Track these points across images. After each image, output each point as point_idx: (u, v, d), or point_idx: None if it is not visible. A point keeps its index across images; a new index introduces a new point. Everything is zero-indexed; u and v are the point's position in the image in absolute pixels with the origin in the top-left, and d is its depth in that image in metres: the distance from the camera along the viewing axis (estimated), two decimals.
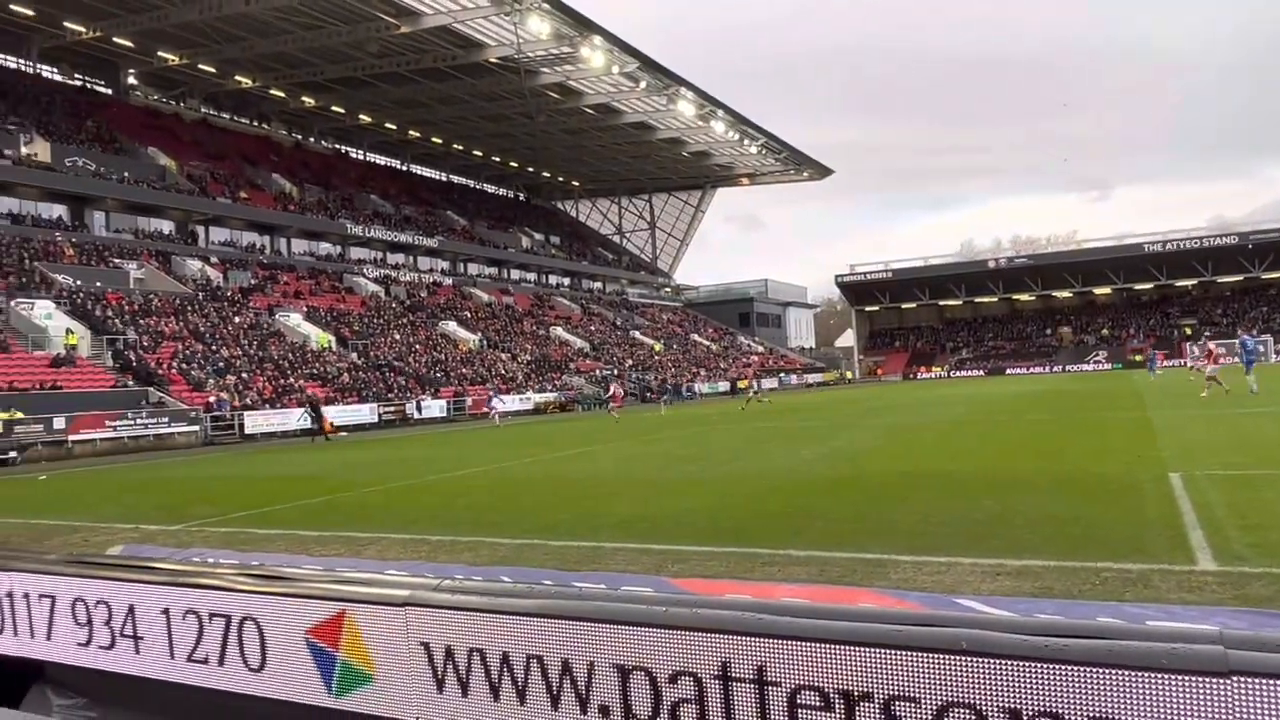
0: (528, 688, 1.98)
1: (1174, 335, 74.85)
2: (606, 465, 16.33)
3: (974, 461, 13.40)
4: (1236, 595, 5.25)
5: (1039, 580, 5.85)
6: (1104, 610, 4.97)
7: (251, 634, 2.42)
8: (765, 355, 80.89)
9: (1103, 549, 6.65)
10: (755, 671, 1.73)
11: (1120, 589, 5.54)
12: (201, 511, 12.02)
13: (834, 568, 6.54)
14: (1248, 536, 6.81)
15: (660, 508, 10.18)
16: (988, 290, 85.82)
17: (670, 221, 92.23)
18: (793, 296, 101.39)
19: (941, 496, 9.84)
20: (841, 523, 8.58)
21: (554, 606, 1.94)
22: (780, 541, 7.59)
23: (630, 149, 73.41)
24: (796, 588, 5.70)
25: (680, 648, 1.81)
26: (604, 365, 57.78)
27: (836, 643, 1.63)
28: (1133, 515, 8.05)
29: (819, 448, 16.93)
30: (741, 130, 67.39)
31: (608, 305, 75.21)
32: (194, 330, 38.06)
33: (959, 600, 5.13)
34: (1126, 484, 9.93)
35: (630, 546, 7.81)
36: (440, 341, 50.78)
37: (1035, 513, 8.38)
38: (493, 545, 8.23)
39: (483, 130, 67.28)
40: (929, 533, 7.68)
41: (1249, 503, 8.24)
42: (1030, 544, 6.95)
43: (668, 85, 57.03)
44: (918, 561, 6.55)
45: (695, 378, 62.98)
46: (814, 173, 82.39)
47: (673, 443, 20.50)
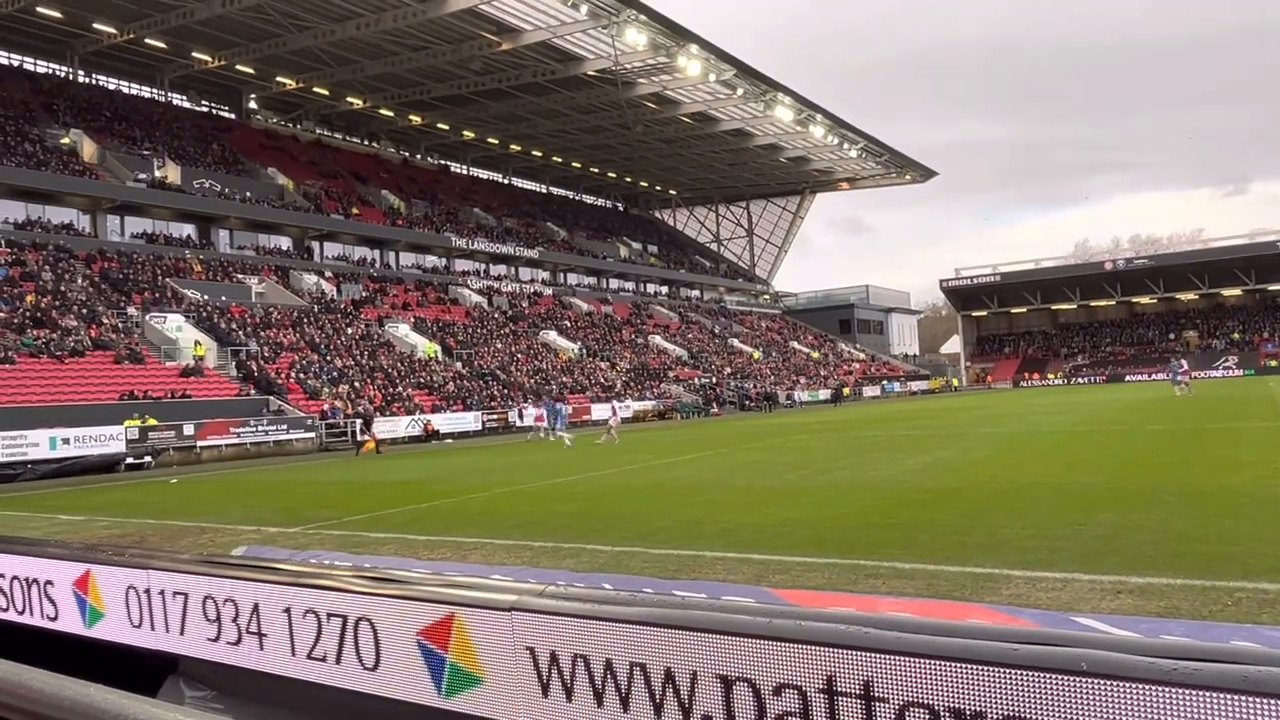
0: (631, 695, 1.99)
1: None
2: (706, 473, 16.29)
3: (1090, 473, 12.79)
4: None
5: (1164, 599, 5.54)
6: (1238, 633, 4.67)
7: (366, 634, 2.52)
8: (867, 362, 79.26)
9: (1236, 567, 6.26)
10: (862, 686, 1.70)
11: (1256, 610, 5.20)
12: (318, 515, 12.56)
13: (941, 582, 6.35)
14: None
15: (761, 517, 10.09)
16: (1104, 293, 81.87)
17: (769, 228, 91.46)
18: (895, 302, 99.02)
19: (1056, 509, 9.43)
20: (948, 535, 8.32)
21: (657, 615, 1.95)
22: (884, 553, 7.41)
23: (727, 156, 73.20)
24: (902, 601, 5.56)
25: (784, 660, 1.79)
26: (702, 373, 57.70)
27: (947, 659, 1.59)
28: (1269, 531, 7.53)
29: (924, 457, 16.47)
30: (840, 134, 66.35)
31: (706, 313, 75.12)
32: (310, 341, 39.83)
33: (1077, 619, 4.91)
34: (1262, 498, 9.31)
35: (730, 556, 7.77)
36: (541, 350, 51.70)
37: (1159, 528, 7.94)
38: (594, 552, 8.32)
39: (581, 142, 68.29)
40: (1043, 547, 7.38)
41: None
42: (1154, 561, 6.59)
43: (765, 91, 56.67)
44: (1031, 577, 6.29)
45: (795, 385, 62.21)
46: (916, 175, 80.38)
47: (773, 451, 20.30)
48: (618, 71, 51.67)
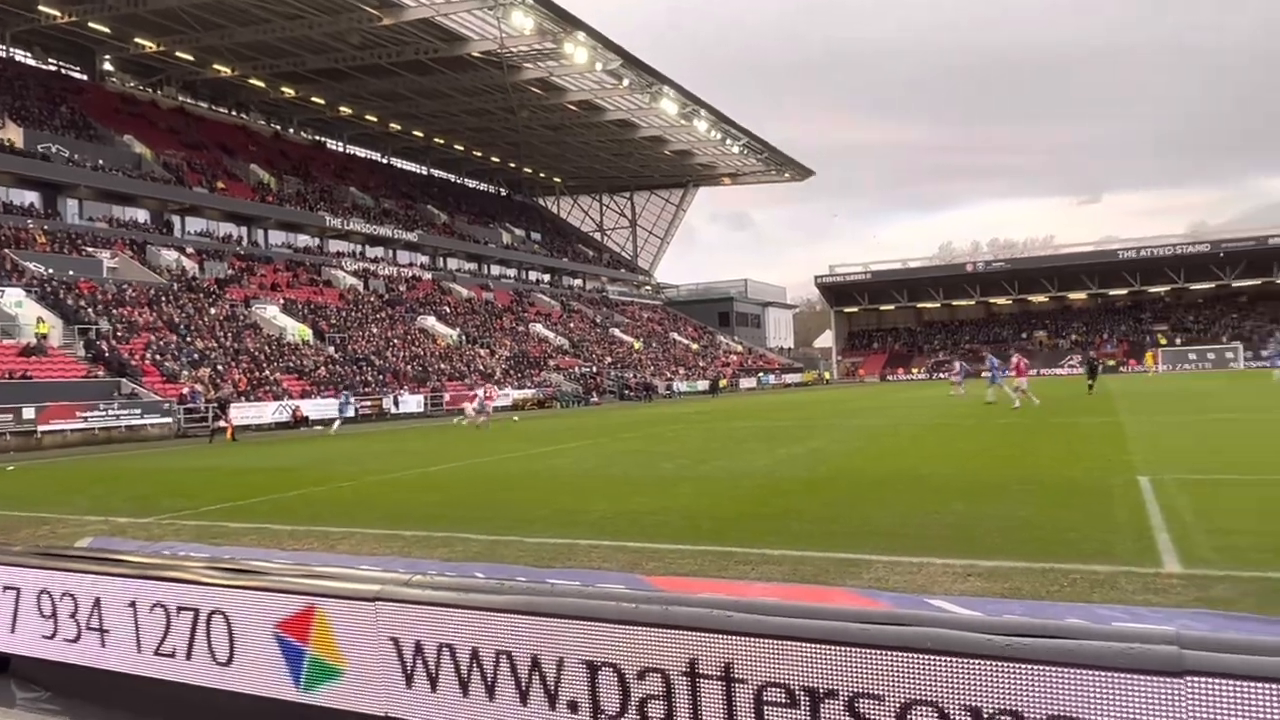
0: (496, 684, 1.98)
1: (1145, 341, 75.83)
2: (584, 462, 16.33)
3: (947, 464, 13.52)
4: (1200, 597, 5.34)
5: (1009, 581, 5.92)
6: (1071, 611, 5.03)
7: (220, 627, 2.40)
8: (744, 355, 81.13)
9: (1072, 551, 6.74)
10: (722, 669, 1.75)
11: (1088, 590, 5.62)
12: (173, 504, 11.90)
13: (808, 567, 6.58)
14: (1213, 540, 6.92)
15: (637, 505, 10.20)
16: (965, 293, 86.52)
17: (652, 219, 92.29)
18: (773, 297, 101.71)
19: (915, 498, 9.92)
20: (817, 522, 8.63)
21: (523, 603, 1.94)
22: (756, 540, 7.62)
23: (612, 146, 73.36)
24: (770, 586, 5.74)
25: (649, 645, 1.82)
26: (583, 362, 57.75)
27: (803, 640, 1.65)
28: (1101, 518, 8.15)
29: (795, 448, 17.01)
30: (724, 130, 67.50)
31: (588, 302, 75.16)
32: (169, 321, 37.63)
33: (930, 600, 5.19)
34: (1096, 488, 10.06)
35: (606, 544, 7.82)
36: (419, 336, 50.54)
37: (1006, 515, 8.47)
38: (467, 541, 8.21)
39: (465, 125, 66.98)
40: (902, 534, 7.75)
41: (1215, 507, 8.38)
42: (1001, 546, 7.03)
43: (650, 83, 57.03)
44: (891, 562, 6.60)
45: (675, 376, 63.07)
46: (795, 173, 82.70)
47: (651, 440, 20.53)
48: (503, 55, 50.92)
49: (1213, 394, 30.38)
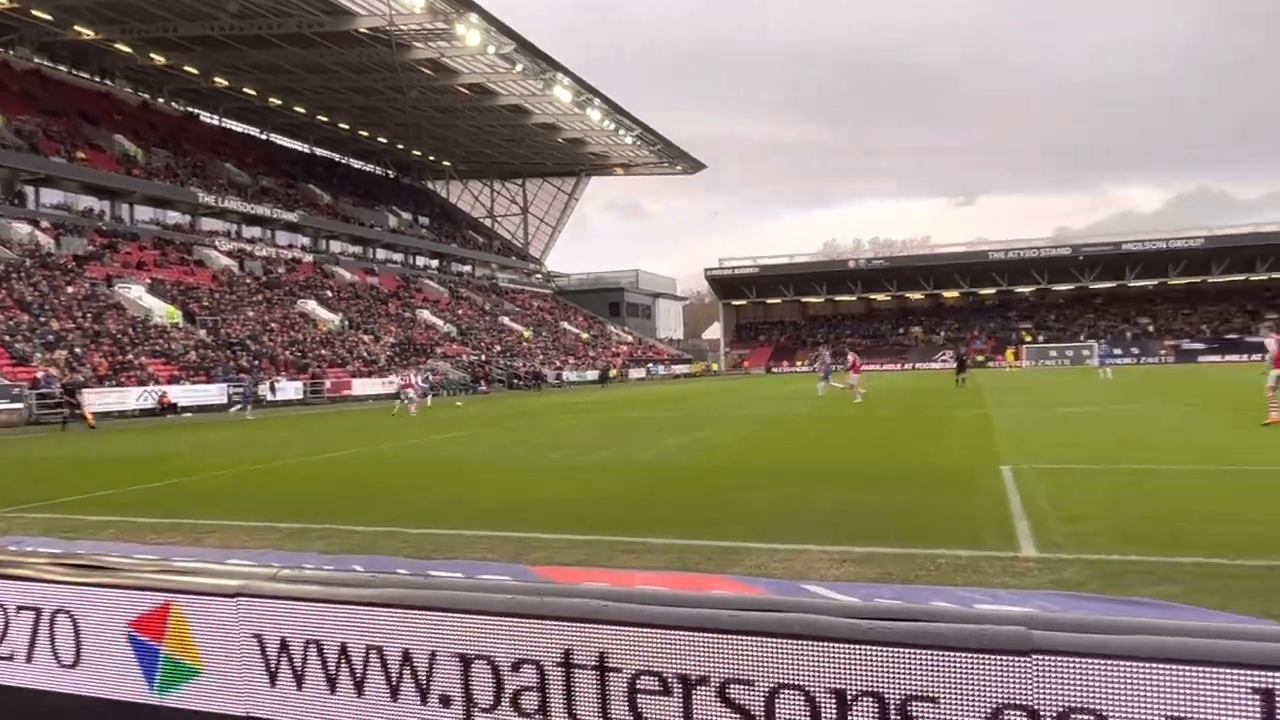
0: (366, 679, 1.92)
1: (1012, 338, 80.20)
2: (472, 452, 16.10)
3: (827, 454, 13.96)
4: (1053, 580, 5.69)
5: (881, 566, 6.16)
6: (937, 594, 5.29)
7: (65, 628, 2.25)
8: (634, 345, 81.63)
9: (939, 537, 7.07)
10: (597, 658, 1.75)
11: (953, 574, 5.90)
12: (23, 496, 11.10)
13: (691, 555, 6.67)
14: (1065, 526, 7.38)
15: (524, 495, 10.13)
16: (847, 289, 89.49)
17: (544, 207, 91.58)
18: (663, 288, 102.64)
19: (796, 487, 10.21)
20: (701, 511, 8.77)
21: (395, 595, 1.89)
22: (641, 529, 7.68)
23: (505, 132, 72.32)
24: (652, 575, 5.79)
25: (524, 636, 1.80)
26: (471, 350, 56.89)
27: (676, 629, 1.66)
28: (967, 506, 8.59)
29: (683, 438, 17.23)
30: (617, 120, 67.53)
31: (477, 289, 74.04)
32: (20, 300, 35.02)
33: (806, 586, 5.35)
34: (963, 477, 10.59)
35: (491, 534, 7.73)
36: (298, 321, 48.68)
37: (880, 503, 8.81)
38: (347, 533, 7.98)
39: (350, 102, 64.71)
40: (782, 522, 7.96)
41: (1068, 495, 8.94)
42: (874, 532, 7.31)
43: (544, 70, 56.49)
44: (770, 549, 6.77)
45: (564, 365, 62.90)
46: (687, 166, 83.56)
47: (540, 430, 20.42)
48: (392, 33, 49.43)
49: (1065, 389, 32.40)
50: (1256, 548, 6.33)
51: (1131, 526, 7.30)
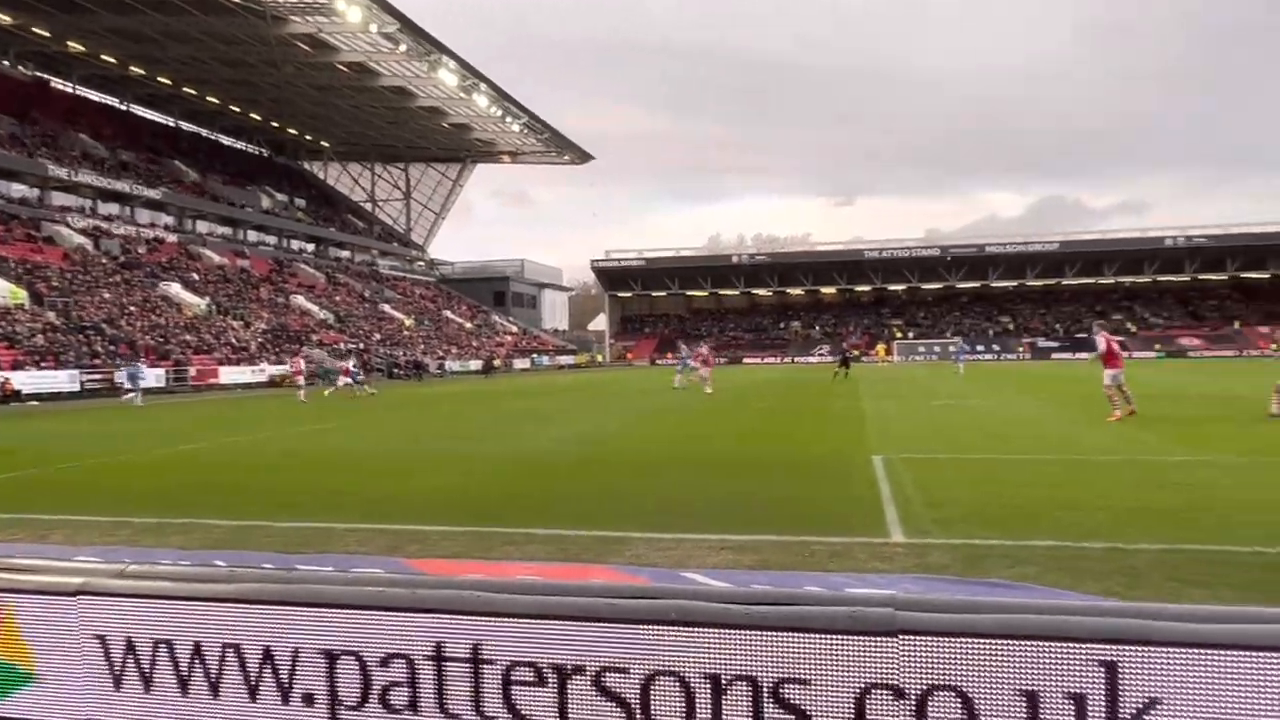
0: (222, 679, 1.82)
1: (885, 334, 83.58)
2: (349, 443, 15.59)
3: (710, 444, 14.19)
4: (919, 564, 5.94)
5: (758, 554, 6.29)
6: (811, 580, 5.44)
7: None
8: (519, 335, 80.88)
9: (814, 525, 7.28)
10: (471, 650, 1.70)
11: (826, 560, 6.09)
12: None
13: (573, 545, 6.65)
14: (930, 512, 7.74)
15: (404, 486, 9.87)
16: (731, 283, 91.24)
17: (427, 193, 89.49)
18: (549, 278, 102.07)
19: (676, 477, 10.33)
20: (585, 502, 8.76)
21: (254, 591, 1.79)
22: (523, 520, 7.61)
23: (387, 114, 70.20)
24: (532, 566, 5.74)
25: (393, 629, 1.73)
26: (349, 338, 55.11)
27: (550, 618, 1.63)
28: (840, 494, 8.89)
29: (567, 429, 17.19)
30: (504, 107, 66.59)
31: (356, 276, 71.74)
32: None
33: (685, 574, 5.41)
34: (837, 466, 10.95)
35: (366, 527, 7.50)
36: (160, 304, 46.00)
37: (758, 492, 9.02)
38: (209, 527, 7.58)
39: (220, 75, 61.45)
40: (664, 511, 8.04)
41: (933, 483, 9.37)
42: (752, 521, 7.47)
43: (429, 52, 55.12)
44: (650, 538, 6.82)
45: (447, 355, 61.73)
46: (575, 156, 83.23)
47: (422, 420, 19.96)
48: (266, 3, 47.20)
49: (932, 383, 34.00)
50: (1100, 532, 6.79)
51: (990, 513, 7.71)
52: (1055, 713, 1.51)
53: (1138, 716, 1.48)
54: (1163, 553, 6.12)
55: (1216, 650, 1.46)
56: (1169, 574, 5.56)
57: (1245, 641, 1.45)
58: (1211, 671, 1.45)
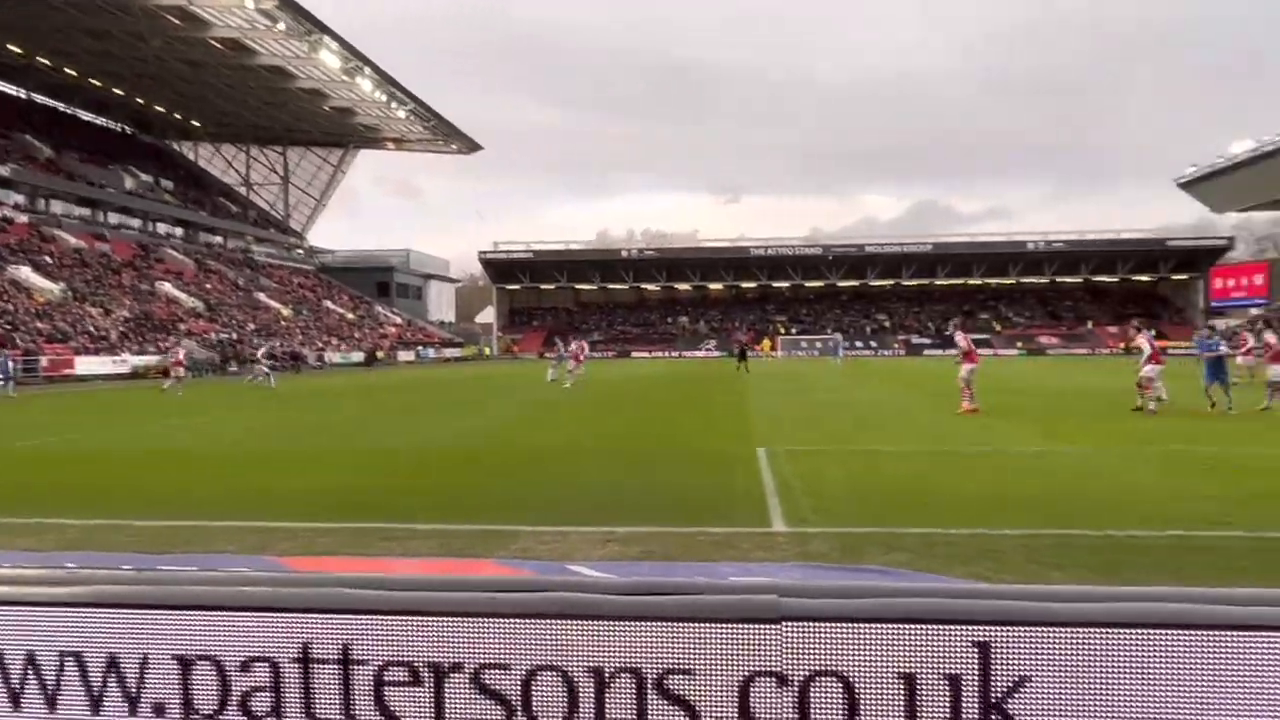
0: (60, 690, 1.66)
1: (769, 329, 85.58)
2: (220, 438, 14.83)
3: (597, 437, 14.18)
4: (800, 552, 6.08)
5: (644, 545, 6.30)
6: (695, 569, 5.49)
7: None
8: (403, 327, 78.93)
9: (699, 516, 7.36)
10: (340, 651, 1.61)
11: (711, 550, 6.16)
12: None
13: (458, 540, 6.51)
14: (811, 502, 7.94)
15: (279, 483, 9.45)
16: (620, 278, 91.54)
17: (307, 178, 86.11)
18: (435, 269, 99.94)
19: (565, 470, 10.26)
20: (470, 496, 8.60)
21: (97, 594, 1.64)
22: (405, 516, 7.40)
23: (264, 94, 67.12)
24: (413, 561, 5.58)
25: (255, 631, 1.62)
26: (221, 328, 52.52)
27: (425, 615, 1.56)
28: (725, 486, 9.02)
29: (452, 421, 16.86)
30: (389, 92, 64.71)
31: (229, 262, 68.39)
32: None
33: (570, 566, 5.37)
34: (722, 458, 11.12)
35: (238, 524, 7.13)
36: (8, 289, 42.67)
37: (645, 484, 9.06)
38: (63, 528, 7.06)
39: (80, 45, 57.37)
40: (550, 504, 7.97)
41: (814, 474, 9.63)
42: (639, 513, 7.49)
43: (310, 31, 53.02)
44: (537, 531, 6.75)
45: (327, 346, 59.65)
46: (463, 146, 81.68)
47: (300, 412, 19.20)
48: None
49: (812, 377, 35.03)
50: (968, 519, 7.11)
51: (867, 502, 7.98)
52: (931, 693, 1.54)
53: (1008, 694, 1.52)
54: (1024, 537, 6.46)
55: (1080, 628, 1.52)
56: (1030, 557, 5.87)
57: (1106, 619, 1.52)
58: (1076, 649, 1.51)
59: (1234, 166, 64.66)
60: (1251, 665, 1.47)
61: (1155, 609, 1.52)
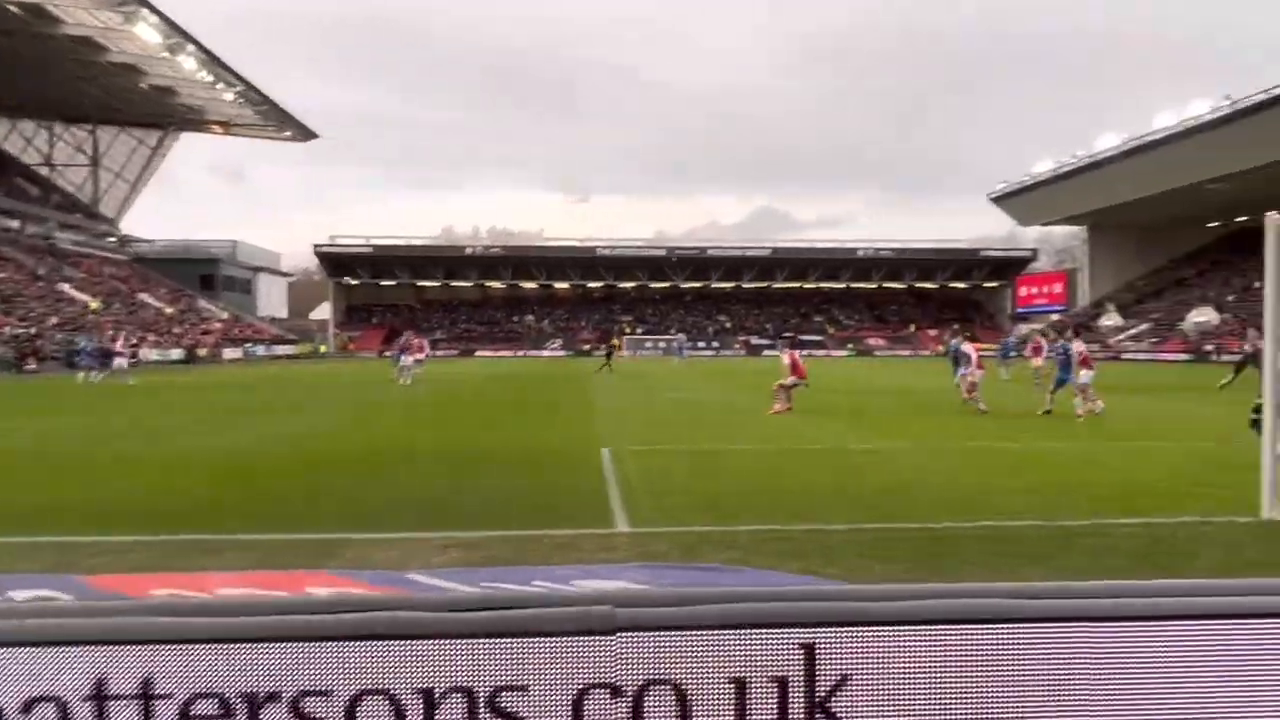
0: None
1: (615, 329, 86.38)
2: (15, 443, 13.43)
3: (438, 439, 13.84)
4: (642, 552, 6.15)
5: (486, 550, 6.20)
6: (537, 574, 5.43)
7: None
8: (230, 323, 74.39)
9: (543, 518, 7.32)
10: (139, 686, 1.47)
11: (554, 553, 6.13)
12: None
13: (283, 551, 6.18)
14: (653, 501, 8.06)
15: (84, 492, 8.66)
16: (464, 275, 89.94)
17: (120, 160, 79.56)
18: (266, 261, 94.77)
19: (405, 473, 9.96)
20: (298, 503, 8.19)
21: None
22: (225, 526, 6.95)
23: (71, 67, 61.43)
24: (235, 576, 5.23)
25: (39, 669, 1.46)
26: (17, 322, 47.73)
27: (237, 641, 1.45)
28: (569, 487, 9.01)
29: (283, 424, 16.02)
30: (216, 72, 60.77)
31: (28, 250, 62.26)
32: None
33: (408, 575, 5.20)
34: (567, 459, 11.11)
35: (30, 540, 6.49)
36: None
37: (489, 487, 8.91)
38: None
39: None
40: (388, 510, 7.71)
41: (657, 473, 9.78)
42: (480, 516, 7.36)
43: (124, 2, 49.06)
44: (372, 539, 6.50)
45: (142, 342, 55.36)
46: (297, 133, 77.77)
47: (109, 414, 17.68)
48: None
49: (657, 376, 35.64)
50: (802, 514, 7.42)
51: (707, 500, 8.17)
52: (760, 697, 1.57)
53: (830, 693, 1.58)
54: (853, 531, 6.81)
55: (895, 626, 1.59)
56: (859, 550, 6.18)
57: (917, 617, 1.60)
58: (892, 646, 1.58)
59: (1037, 184, 70.62)
60: (1048, 656, 1.59)
61: (961, 605, 1.62)
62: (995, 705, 1.59)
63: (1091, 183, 62.61)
